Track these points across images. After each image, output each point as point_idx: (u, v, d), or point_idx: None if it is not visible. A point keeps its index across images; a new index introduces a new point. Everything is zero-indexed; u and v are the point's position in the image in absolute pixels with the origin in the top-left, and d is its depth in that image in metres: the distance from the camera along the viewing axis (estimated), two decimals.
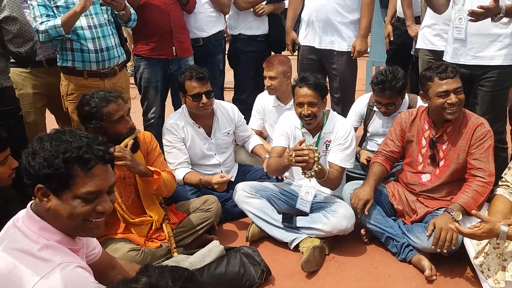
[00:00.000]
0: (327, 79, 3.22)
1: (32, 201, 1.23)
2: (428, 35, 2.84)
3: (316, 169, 2.04)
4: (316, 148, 2.09)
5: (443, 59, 2.52)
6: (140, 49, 2.92)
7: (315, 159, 2.03)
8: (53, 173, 1.10)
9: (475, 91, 2.45)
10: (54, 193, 1.13)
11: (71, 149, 1.12)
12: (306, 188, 2.35)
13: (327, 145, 2.36)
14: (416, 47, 3.02)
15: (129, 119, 2.05)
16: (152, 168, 2.07)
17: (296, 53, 3.42)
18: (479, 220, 2.00)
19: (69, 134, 1.16)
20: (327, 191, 2.38)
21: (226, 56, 3.45)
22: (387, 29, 3.70)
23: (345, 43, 3.00)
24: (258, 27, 3.37)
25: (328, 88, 3.26)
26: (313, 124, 2.28)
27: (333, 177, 2.24)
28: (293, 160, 2.04)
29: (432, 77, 2.09)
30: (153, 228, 2.14)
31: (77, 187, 1.13)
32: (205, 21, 3.16)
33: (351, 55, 3.02)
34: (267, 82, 2.93)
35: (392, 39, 3.61)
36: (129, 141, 2.00)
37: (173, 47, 2.92)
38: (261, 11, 3.31)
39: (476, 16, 2.14)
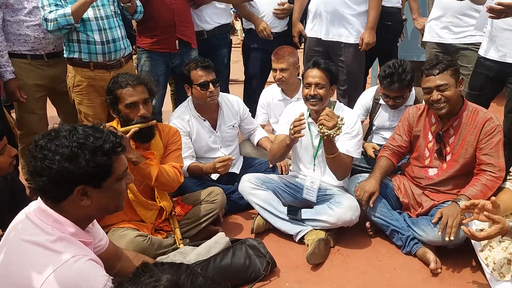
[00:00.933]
0: None
1: None
2: (436, 28, 2.81)
3: (334, 132, 2.04)
4: (343, 121, 2.09)
5: (478, 52, 2.49)
6: (142, 41, 2.90)
7: (338, 124, 2.04)
8: (98, 169, 1.15)
9: (506, 87, 2.41)
10: (96, 186, 1.17)
11: (103, 141, 1.16)
12: (311, 178, 2.36)
13: None
14: (423, 40, 3.00)
15: (142, 108, 2.01)
16: (149, 162, 2.01)
17: (302, 46, 3.39)
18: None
19: (81, 129, 1.17)
20: (332, 182, 2.38)
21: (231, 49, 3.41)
22: None
23: (353, 35, 2.98)
24: (275, 25, 3.18)
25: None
26: (318, 107, 2.27)
27: (343, 161, 2.22)
28: (322, 114, 2.05)
29: (423, 73, 2.11)
30: (162, 217, 2.15)
31: (116, 171, 1.20)
32: (210, 13, 3.13)
33: (359, 47, 3.00)
34: (278, 75, 2.87)
35: None
36: (133, 128, 1.96)
37: (176, 41, 2.89)
38: (283, 14, 3.18)
39: (496, 13, 2.07)
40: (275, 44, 3.10)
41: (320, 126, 2.08)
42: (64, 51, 2.58)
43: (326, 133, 2.06)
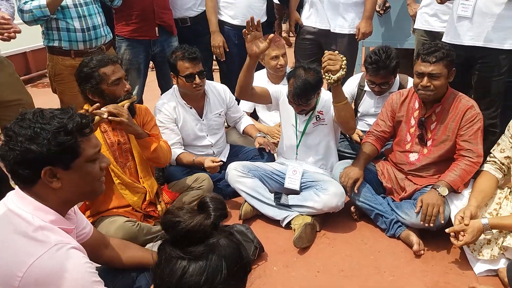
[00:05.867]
0: None
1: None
2: (426, 15, 2.83)
3: (340, 75, 1.98)
4: (344, 59, 2.02)
5: (443, 39, 2.48)
6: (122, 29, 2.84)
7: (342, 65, 1.99)
8: (62, 148, 1.13)
9: (473, 74, 2.42)
10: (64, 167, 1.15)
11: (67, 120, 1.14)
12: (293, 167, 2.38)
13: (317, 117, 2.37)
14: (414, 26, 3.02)
15: (126, 83, 2.05)
16: (149, 133, 2.09)
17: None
18: (465, 196, 2.06)
19: (49, 111, 1.16)
20: (315, 169, 2.41)
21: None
22: None
23: (347, 24, 2.98)
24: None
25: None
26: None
27: (351, 110, 2.21)
28: (325, 59, 1.98)
29: (419, 55, 2.11)
30: (147, 199, 2.14)
31: (86, 152, 1.19)
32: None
33: (355, 37, 3.00)
34: (280, 61, 2.85)
35: None
36: (126, 103, 1.99)
37: (156, 28, 2.85)
38: None
39: None
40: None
41: (326, 74, 2.00)
42: (43, 40, 2.52)
43: (334, 79, 1.98)
